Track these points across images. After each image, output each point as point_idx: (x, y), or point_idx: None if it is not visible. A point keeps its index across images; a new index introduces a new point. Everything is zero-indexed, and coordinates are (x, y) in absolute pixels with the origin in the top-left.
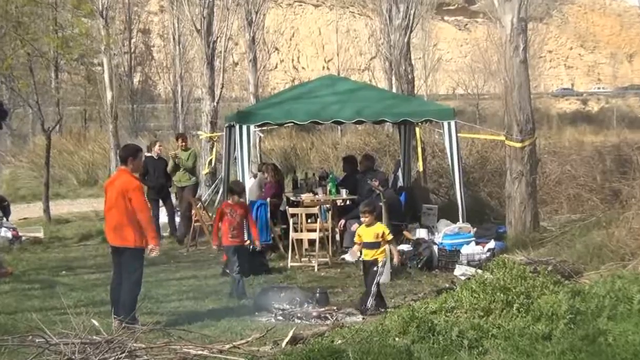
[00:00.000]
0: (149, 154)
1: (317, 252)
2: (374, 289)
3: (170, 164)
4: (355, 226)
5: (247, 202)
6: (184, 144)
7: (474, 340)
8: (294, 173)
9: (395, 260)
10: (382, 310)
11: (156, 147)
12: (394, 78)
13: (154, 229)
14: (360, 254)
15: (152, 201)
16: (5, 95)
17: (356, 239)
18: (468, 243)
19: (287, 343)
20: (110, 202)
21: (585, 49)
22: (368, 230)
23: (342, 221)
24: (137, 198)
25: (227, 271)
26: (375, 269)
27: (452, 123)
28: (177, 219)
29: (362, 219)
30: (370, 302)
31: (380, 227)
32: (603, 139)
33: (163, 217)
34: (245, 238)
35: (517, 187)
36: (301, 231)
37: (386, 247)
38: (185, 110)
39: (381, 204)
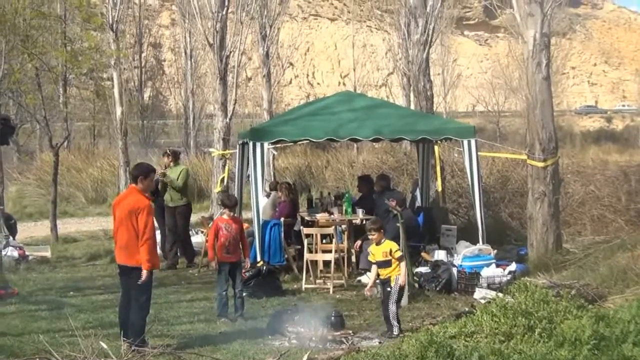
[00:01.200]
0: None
1: (332, 273)
2: (390, 312)
3: (160, 184)
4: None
5: (261, 222)
6: (171, 161)
7: None
8: (309, 192)
9: (400, 280)
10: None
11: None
12: (412, 94)
13: (151, 253)
14: (378, 277)
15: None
16: (12, 111)
17: (370, 258)
18: (488, 265)
19: None
20: (119, 221)
21: (610, 65)
22: (378, 249)
23: (359, 242)
24: (143, 218)
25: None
26: (388, 289)
27: (472, 141)
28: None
29: (369, 237)
30: (395, 329)
31: (388, 245)
32: (628, 158)
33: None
34: (259, 258)
35: (540, 207)
36: (316, 252)
37: (401, 266)
38: (196, 127)
39: (398, 224)
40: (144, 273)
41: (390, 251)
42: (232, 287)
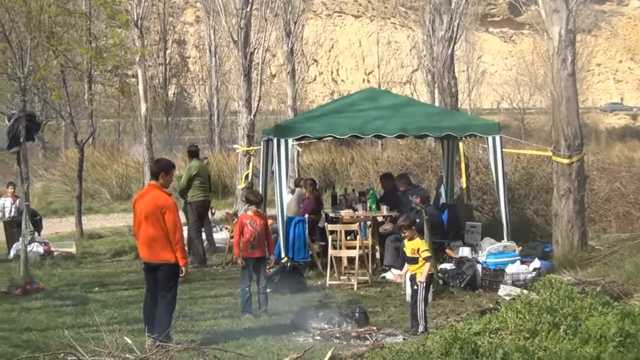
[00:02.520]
0: None
1: (356, 270)
2: (419, 310)
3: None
4: (390, 226)
5: (285, 218)
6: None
7: None
8: (333, 188)
9: (419, 278)
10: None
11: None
12: (436, 91)
13: (184, 249)
14: None
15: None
16: (37, 107)
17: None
18: (513, 262)
19: None
20: (140, 217)
21: (636, 62)
22: (408, 245)
23: (390, 225)
24: (172, 217)
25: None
26: (415, 287)
27: (497, 138)
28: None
29: (402, 234)
30: (421, 327)
31: (417, 243)
32: None
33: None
34: (283, 255)
35: (565, 204)
36: (340, 248)
37: (425, 266)
38: (221, 124)
39: (418, 221)
40: (184, 269)
41: (418, 249)
42: (256, 283)
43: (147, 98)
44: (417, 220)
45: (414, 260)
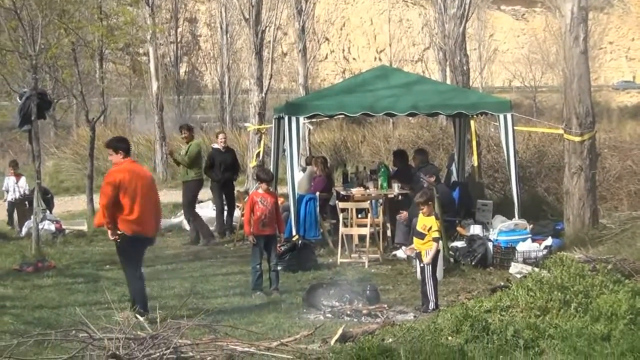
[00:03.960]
0: (215, 146)
1: (367, 248)
2: (428, 287)
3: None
4: (405, 214)
5: (296, 196)
6: (185, 136)
7: (529, 340)
8: (344, 166)
9: (426, 259)
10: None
11: (219, 138)
12: (448, 69)
13: None
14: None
15: (217, 195)
16: (49, 86)
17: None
18: (524, 240)
19: (336, 341)
20: (142, 193)
21: None
22: (421, 220)
23: (405, 213)
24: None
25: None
26: (421, 264)
27: (509, 116)
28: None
29: (420, 211)
30: (431, 304)
31: (430, 221)
32: None
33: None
34: (295, 232)
35: (576, 182)
36: (351, 226)
37: (432, 247)
38: (232, 102)
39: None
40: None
41: (430, 228)
42: (267, 261)
43: (159, 76)
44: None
45: (421, 236)
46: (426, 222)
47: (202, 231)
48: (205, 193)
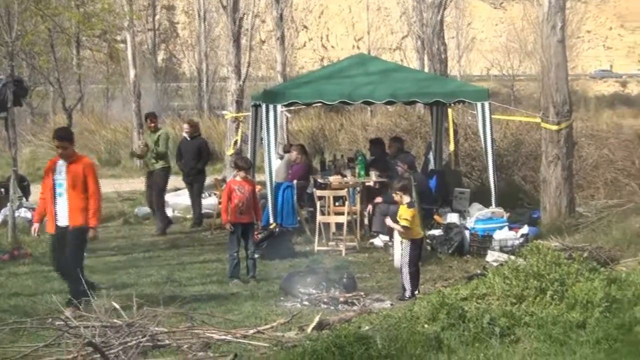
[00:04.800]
0: (184, 135)
1: (344, 236)
2: (402, 274)
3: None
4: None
5: (274, 184)
6: (152, 124)
7: (505, 328)
8: (322, 154)
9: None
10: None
11: (185, 127)
12: (426, 58)
13: None
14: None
15: (187, 185)
16: (25, 73)
17: None
18: (501, 228)
19: (312, 329)
20: (73, 183)
21: (626, 29)
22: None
23: (370, 207)
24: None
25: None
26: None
27: (486, 104)
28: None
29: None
30: (406, 293)
31: (402, 210)
32: None
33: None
34: (271, 221)
35: (553, 171)
36: (328, 214)
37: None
38: (210, 90)
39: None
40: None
41: (400, 216)
42: (244, 248)
43: (136, 64)
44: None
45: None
46: (399, 210)
47: (161, 221)
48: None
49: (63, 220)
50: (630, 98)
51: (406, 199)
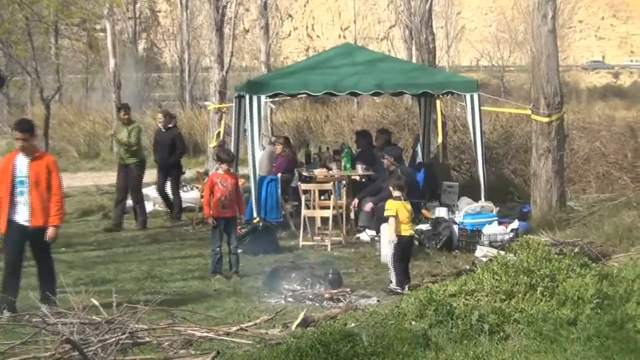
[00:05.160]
0: (159, 126)
1: (330, 230)
2: (390, 267)
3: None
4: (369, 205)
5: (257, 177)
6: (126, 117)
7: (495, 325)
8: (307, 147)
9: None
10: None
11: (158, 118)
12: (414, 47)
13: None
14: None
15: (161, 177)
16: (2, 62)
17: None
18: (490, 223)
19: (297, 326)
20: (36, 181)
21: (618, 19)
22: None
23: (356, 200)
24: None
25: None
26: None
27: (475, 96)
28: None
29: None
30: (392, 284)
31: (387, 203)
32: (635, 114)
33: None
34: (255, 215)
35: (543, 164)
36: (314, 208)
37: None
38: (192, 80)
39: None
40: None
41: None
42: (227, 243)
43: (116, 53)
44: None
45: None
46: (386, 204)
47: (140, 215)
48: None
49: (23, 220)
50: (622, 89)
51: (396, 193)
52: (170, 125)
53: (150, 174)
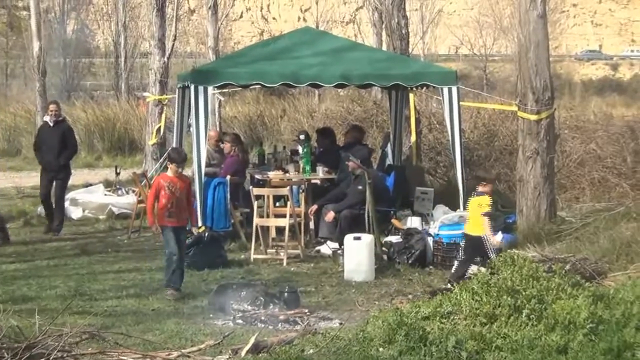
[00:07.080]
0: (46, 119)
1: (286, 242)
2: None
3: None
4: (331, 214)
5: (203, 180)
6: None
7: (474, 352)
8: (261, 146)
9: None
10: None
11: (50, 109)
12: (384, 33)
13: None
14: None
15: (46, 180)
16: None
17: None
18: None
19: (247, 352)
20: None
21: (617, 3)
22: None
23: (314, 207)
24: None
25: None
26: None
27: (454, 89)
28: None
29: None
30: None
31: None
32: (636, 112)
33: None
34: (200, 223)
35: (531, 168)
36: (268, 217)
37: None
38: (129, 67)
39: (360, 187)
40: None
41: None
42: None
43: (41, 35)
44: (359, 187)
45: None
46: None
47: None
48: (96, 175)
49: None
50: (621, 83)
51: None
52: (59, 119)
53: (32, 177)
